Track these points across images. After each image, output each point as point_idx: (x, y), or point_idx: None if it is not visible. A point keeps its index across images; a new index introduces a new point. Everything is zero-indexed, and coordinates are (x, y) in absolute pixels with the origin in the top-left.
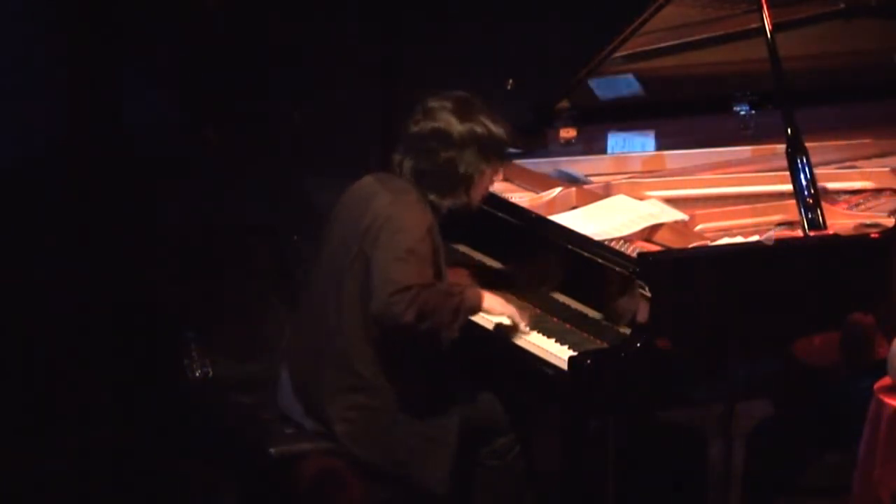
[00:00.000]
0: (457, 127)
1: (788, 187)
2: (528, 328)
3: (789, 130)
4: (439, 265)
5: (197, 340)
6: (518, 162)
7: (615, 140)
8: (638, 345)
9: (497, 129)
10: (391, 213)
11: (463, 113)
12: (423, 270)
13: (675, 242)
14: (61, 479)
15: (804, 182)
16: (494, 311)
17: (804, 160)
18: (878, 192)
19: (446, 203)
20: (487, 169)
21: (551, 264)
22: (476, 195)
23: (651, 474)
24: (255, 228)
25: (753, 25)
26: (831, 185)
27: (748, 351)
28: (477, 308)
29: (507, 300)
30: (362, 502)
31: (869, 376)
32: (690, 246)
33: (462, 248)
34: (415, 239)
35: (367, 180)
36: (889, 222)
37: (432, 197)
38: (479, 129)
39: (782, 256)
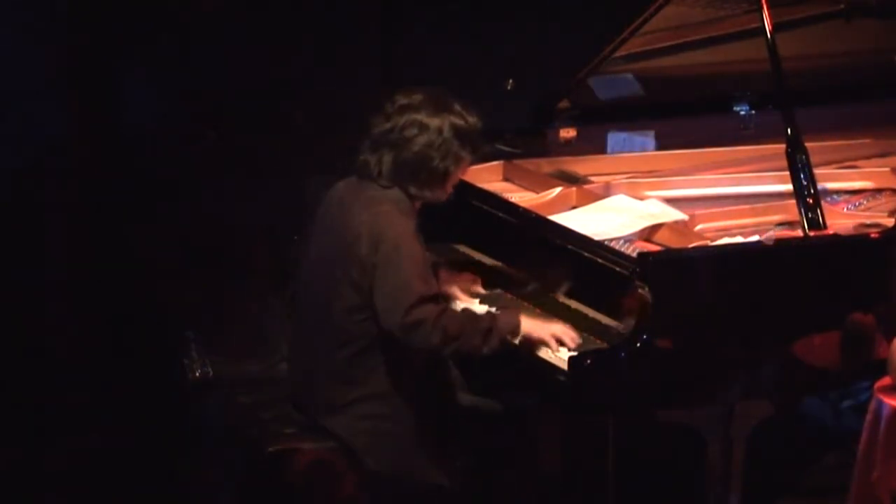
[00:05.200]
0: (433, 119)
1: (788, 187)
2: (576, 345)
3: (789, 130)
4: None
5: (197, 340)
6: (518, 162)
7: (615, 140)
8: (638, 345)
9: (471, 119)
10: (377, 232)
11: (436, 106)
12: (430, 283)
13: (675, 242)
14: (61, 479)
15: (804, 182)
16: (535, 333)
17: (804, 160)
18: (878, 192)
19: (425, 196)
20: (465, 159)
21: (551, 264)
22: (450, 187)
23: (651, 474)
24: (255, 228)
25: (753, 25)
26: (831, 185)
27: (748, 351)
28: (514, 332)
29: (520, 308)
30: (362, 501)
31: (869, 376)
32: (690, 246)
33: (462, 248)
34: (413, 256)
35: (340, 190)
36: (889, 222)
37: (412, 190)
38: (455, 120)
39: (782, 256)
